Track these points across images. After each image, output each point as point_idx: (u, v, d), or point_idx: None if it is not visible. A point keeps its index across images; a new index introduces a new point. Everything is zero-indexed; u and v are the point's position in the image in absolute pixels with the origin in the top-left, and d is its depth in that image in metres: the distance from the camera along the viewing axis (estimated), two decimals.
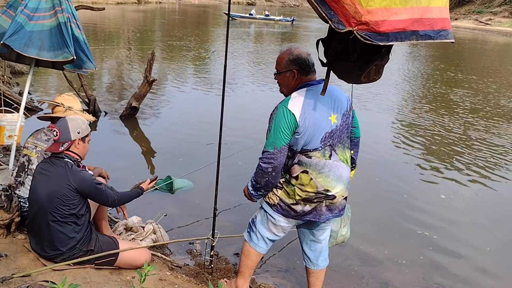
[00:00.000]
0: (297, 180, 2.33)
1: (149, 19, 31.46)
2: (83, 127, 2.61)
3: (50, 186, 2.45)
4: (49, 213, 2.45)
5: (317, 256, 2.67)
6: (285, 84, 2.43)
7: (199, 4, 61.19)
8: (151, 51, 6.74)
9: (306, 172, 2.31)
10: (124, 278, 2.62)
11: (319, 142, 2.31)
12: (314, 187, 2.32)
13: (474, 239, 4.12)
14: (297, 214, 2.38)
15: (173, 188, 4.45)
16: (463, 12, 53.77)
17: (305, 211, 2.37)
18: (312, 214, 2.38)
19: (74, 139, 2.54)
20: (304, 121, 2.25)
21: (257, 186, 2.41)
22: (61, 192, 2.43)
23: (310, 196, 2.33)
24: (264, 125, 2.39)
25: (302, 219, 2.42)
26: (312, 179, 2.31)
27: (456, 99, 10.54)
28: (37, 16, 3.15)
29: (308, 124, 2.26)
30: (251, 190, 2.46)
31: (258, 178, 2.37)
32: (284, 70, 2.39)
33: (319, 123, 2.29)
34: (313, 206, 2.36)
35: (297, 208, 2.36)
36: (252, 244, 2.58)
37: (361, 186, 4.85)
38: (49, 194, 2.45)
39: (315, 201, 2.34)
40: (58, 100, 3.11)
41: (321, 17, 1.85)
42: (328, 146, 2.33)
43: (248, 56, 15.48)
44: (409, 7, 1.82)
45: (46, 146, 2.95)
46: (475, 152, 6.58)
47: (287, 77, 2.39)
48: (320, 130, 2.30)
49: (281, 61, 2.41)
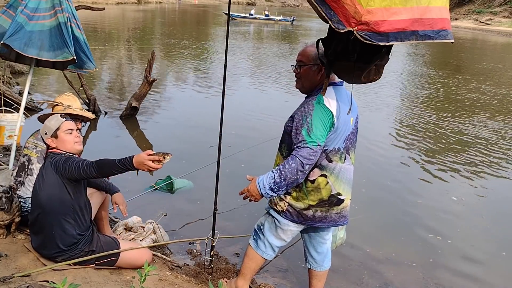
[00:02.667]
0: (313, 184, 2.29)
1: (149, 19, 31.44)
2: (50, 125, 2.57)
3: (46, 186, 2.48)
4: (48, 212, 2.46)
5: (323, 258, 2.67)
6: (309, 78, 2.33)
7: (199, 4, 61.19)
8: (151, 51, 6.75)
9: (325, 176, 2.29)
10: (124, 278, 2.62)
11: (342, 142, 2.30)
12: (329, 190, 2.31)
13: (474, 239, 4.11)
14: (306, 219, 2.36)
15: (173, 188, 4.45)
16: (463, 12, 53.75)
17: (315, 217, 2.35)
18: (321, 221, 2.37)
19: (46, 140, 2.58)
20: (338, 120, 2.22)
21: (280, 185, 2.20)
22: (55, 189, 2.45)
23: (323, 201, 2.32)
24: (264, 125, 2.39)
25: (311, 224, 2.40)
26: (329, 182, 2.30)
27: (459, 98, 10.55)
28: (37, 16, 3.15)
29: (340, 124, 2.24)
30: (268, 189, 2.23)
31: (288, 175, 2.16)
32: (312, 63, 2.30)
33: (346, 123, 2.29)
34: (323, 211, 2.34)
35: (308, 213, 2.34)
36: (259, 251, 2.56)
37: (361, 186, 4.86)
38: (46, 193, 2.47)
39: (326, 205, 2.33)
40: (57, 100, 3.12)
41: (321, 17, 1.85)
42: (345, 148, 2.33)
43: (248, 56, 15.48)
44: (409, 7, 1.82)
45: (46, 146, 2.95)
46: (480, 152, 6.59)
47: (313, 71, 2.31)
48: (345, 131, 2.29)
49: (308, 53, 2.31)
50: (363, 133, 6.77)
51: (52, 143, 2.56)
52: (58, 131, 2.55)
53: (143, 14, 35.93)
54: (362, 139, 6.46)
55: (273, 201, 2.42)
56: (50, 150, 2.57)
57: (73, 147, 2.59)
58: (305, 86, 2.37)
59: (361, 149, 6.05)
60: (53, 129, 2.55)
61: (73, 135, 2.60)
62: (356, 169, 2.52)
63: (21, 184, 2.95)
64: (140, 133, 6.49)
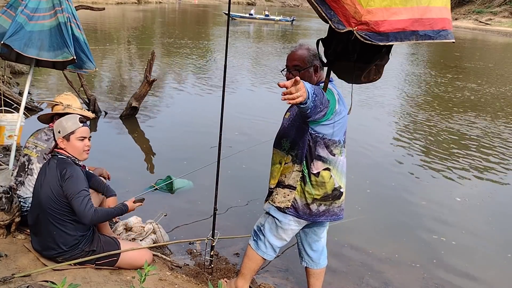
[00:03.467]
0: (318, 177, 2.32)
1: (149, 19, 31.44)
2: (65, 126, 2.51)
3: (46, 185, 2.48)
4: (48, 211, 2.46)
5: (319, 256, 2.68)
6: (308, 80, 2.34)
7: (199, 4, 61.19)
8: (151, 51, 6.74)
9: (328, 170, 2.32)
10: (124, 278, 2.62)
11: (342, 135, 2.35)
12: (333, 184, 2.34)
13: (477, 240, 4.11)
14: (311, 214, 2.38)
15: (173, 188, 4.45)
16: (463, 12, 53.75)
17: (319, 211, 2.37)
18: (324, 215, 2.39)
19: (57, 138, 2.54)
20: (340, 110, 2.25)
21: (315, 98, 1.95)
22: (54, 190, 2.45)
23: (327, 194, 2.34)
24: (265, 125, 2.39)
25: (315, 219, 2.41)
26: (332, 176, 2.33)
27: (457, 98, 10.55)
28: (37, 16, 3.15)
29: (341, 115, 2.27)
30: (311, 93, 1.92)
31: (319, 93, 1.99)
32: (308, 65, 2.33)
33: (345, 117, 2.33)
34: (327, 205, 2.37)
35: (312, 207, 2.36)
36: (260, 252, 2.57)
37: (361, 186, 4.86)
38: (45, 193, 2.47)
39: (330, 199, 2.36)
40: (57, 100, 3.12)
41: (321, 17, 1.85)
42: (343, 141, 2.38)
43: (248, 56, 15.48)
44: (409, 7, 1.82)
45: (46, 146, 2.95)
46: (476, 152, 6.59)
47: (311, 73, 2.35)
48: (344, 123, 2.34)
49: (303, 57, 2.34)
50: (364, 133, 6.81)
51: (61, 144, 2.53)
52: (72, 135, 2.52)
53: (143, 14, 35.94)
54: (363, 139, 6.48)
55: (277, 199, 2.42)
56: (58, 149, 2.56)
57: (80, 154, 2.57)
58: None
59: (363, 149, 6.06)
60: (67, 132, 2.51)
61: (84, 143, 2.56)
62: (359, 170, 2.53)
63: (21, 184, 2.95)
64: (140, 133, 6.49)
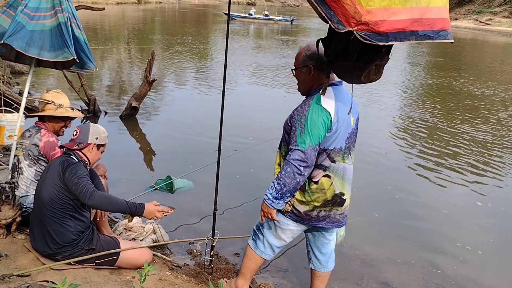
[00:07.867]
0: (317, 185, 2.29)
1: (149, 19, 31.44)
2: (102, 136, 2.74)
3: (48, 180, 2.50)
4: (48, 207, 2.48)
5: (327, 259, 2.66)
6: (302, 80, 2.37)
7: (199, 4, 61.19)
8: (151, 51, 6.74)
9: (328, 177, 2.29)
10: (124, 278, 2.62)
11: (343, 141, 2.30)
12: (333, 191, 2.31)
13: (474, 238, 4.11)
14: (310, 219, 2.36)
15: (173, 188, 4.45)
16: (463, 12, 53.79)
17: (319, 217, 2.35)
18: (325, 221, 2.37)
19: (90, 142, 2.66)
20: (337, 120, 2.22)
21: (284, 191, 2.22)
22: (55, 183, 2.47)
23: (327, 201, 2.32)
24: (265, 125, 2.39)
25: (315, 224, 2.40)
26: (333, 183, 2.30)
27: (457, 100, 10.55)
28: (37, 16, 3.15)
29: (340, 123, 2.24)
30: (273, 199, 2.26)
31: (287, 180, 2.18)
32: (301, 65, 2.34)
33: (347, 123, 2.29)
34: (327, 211, 2.34)
35: (312, 214, 2.34)
36: (258, 251, 2.56)
37: (362, 186, 4.86)
38: (47, 187, 2.49)
39: (330, 205, 2.33)
40: (46, 98, 3.15)
41: (321, 17, 1.85)
42: (347, 148, 2.33)
43: (248, 56, 15.48)
44: (408, 7, 1.82)
45: (28, 142, 3.00)
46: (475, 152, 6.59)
47: (304, 73, 2.34)
48: (346, 130, 2.30)
49: (298, 56, 2.35)
50: (366, 134, 6.80)
51: (91, 149, 2.67)
52: (102, 146, 2.75)
53: (143, 14, 35.93)
54: (365, 139, 6.47)
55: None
56: (76, 150, 2.61)
57: (94, 162, 2.75)
58: (301, 87, 2.42)
59: (365, 150, 6.06)
60: (102, 143, 2.73)
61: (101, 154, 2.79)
62: (361, 170, 2.53)
63: (16, 185, 2.97)
64: (140, 133, 6.49)
